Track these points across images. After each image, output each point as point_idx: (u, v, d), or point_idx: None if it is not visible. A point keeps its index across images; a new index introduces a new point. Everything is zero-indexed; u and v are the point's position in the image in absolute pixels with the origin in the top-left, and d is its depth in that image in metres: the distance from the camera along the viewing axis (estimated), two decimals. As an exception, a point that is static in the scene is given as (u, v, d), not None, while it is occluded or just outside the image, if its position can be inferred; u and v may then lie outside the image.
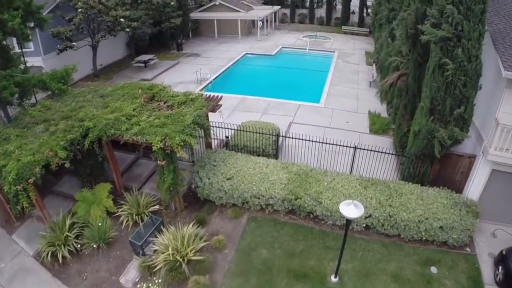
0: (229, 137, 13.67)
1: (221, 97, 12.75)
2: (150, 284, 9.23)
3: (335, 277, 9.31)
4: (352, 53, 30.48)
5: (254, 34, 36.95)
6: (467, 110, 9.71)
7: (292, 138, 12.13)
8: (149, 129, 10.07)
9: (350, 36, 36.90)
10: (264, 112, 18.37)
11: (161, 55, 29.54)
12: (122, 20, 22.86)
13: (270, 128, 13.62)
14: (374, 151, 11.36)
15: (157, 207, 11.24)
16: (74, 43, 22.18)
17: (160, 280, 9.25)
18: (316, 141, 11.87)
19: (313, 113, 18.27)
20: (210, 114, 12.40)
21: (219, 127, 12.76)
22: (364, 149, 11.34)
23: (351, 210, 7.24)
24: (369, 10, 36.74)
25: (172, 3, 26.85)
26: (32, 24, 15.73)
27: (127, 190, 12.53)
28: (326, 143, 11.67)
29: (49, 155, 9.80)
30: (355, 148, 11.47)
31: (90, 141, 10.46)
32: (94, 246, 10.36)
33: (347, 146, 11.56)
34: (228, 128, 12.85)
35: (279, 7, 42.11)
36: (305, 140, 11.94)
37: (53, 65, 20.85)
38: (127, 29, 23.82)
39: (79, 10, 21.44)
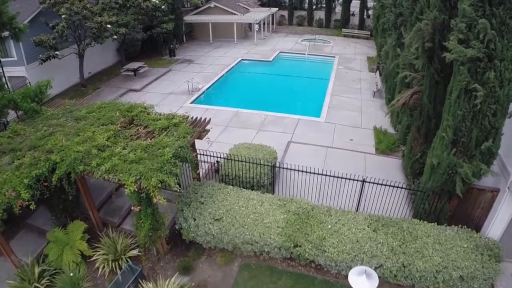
0: (220, 163, 12.23)
1: (209, 120, 11.26)
2: None
3: None
4: (353, 58, 28.96)
5: (250, 38, 35.41)
6: (495, 142, 8.28)
7: (291, 169, 10.63)
8: (123, 165, 8.61)
9: (351, 39, 35.40)
10: (260, 129, 16.87)
11: (152, 62, 28.04)
12: (108, 26, 21.39)
13: (266, 152, 12.16)
14: (386, 185, 9.90)
15: (136, 251, 9.83)
16: (57, 52, 20.75)
17: None
18: (318, 174, 10.40)
19: (314, 130, 16.76)
20: (197, 140, 11.00)
21: (207, 155, 11.26)
22: (374, 183, 9.87)
23: (362, 282, 5.82)
24: (370, 12, 35.28)
25: (163, 7, 25.34)
26: (7, 34, 14.46)
27: (106, 226, 11.19)
28: (330, 176, 10.20)
29: (11, 196, 8.43)
30: (363, 181, 10.01)
31: (57, 178, 9.08)
32: (66, 299, 9.05)
33: (354, 180, 10.10)
34: (217, 157, 11.35)
35: (277, 9, 40.65)
36: (307, 172, 10.46)
37: (38, 75, 19.53)
38: (115, 36, 22.34)
39: (63, 16, 20.00)
